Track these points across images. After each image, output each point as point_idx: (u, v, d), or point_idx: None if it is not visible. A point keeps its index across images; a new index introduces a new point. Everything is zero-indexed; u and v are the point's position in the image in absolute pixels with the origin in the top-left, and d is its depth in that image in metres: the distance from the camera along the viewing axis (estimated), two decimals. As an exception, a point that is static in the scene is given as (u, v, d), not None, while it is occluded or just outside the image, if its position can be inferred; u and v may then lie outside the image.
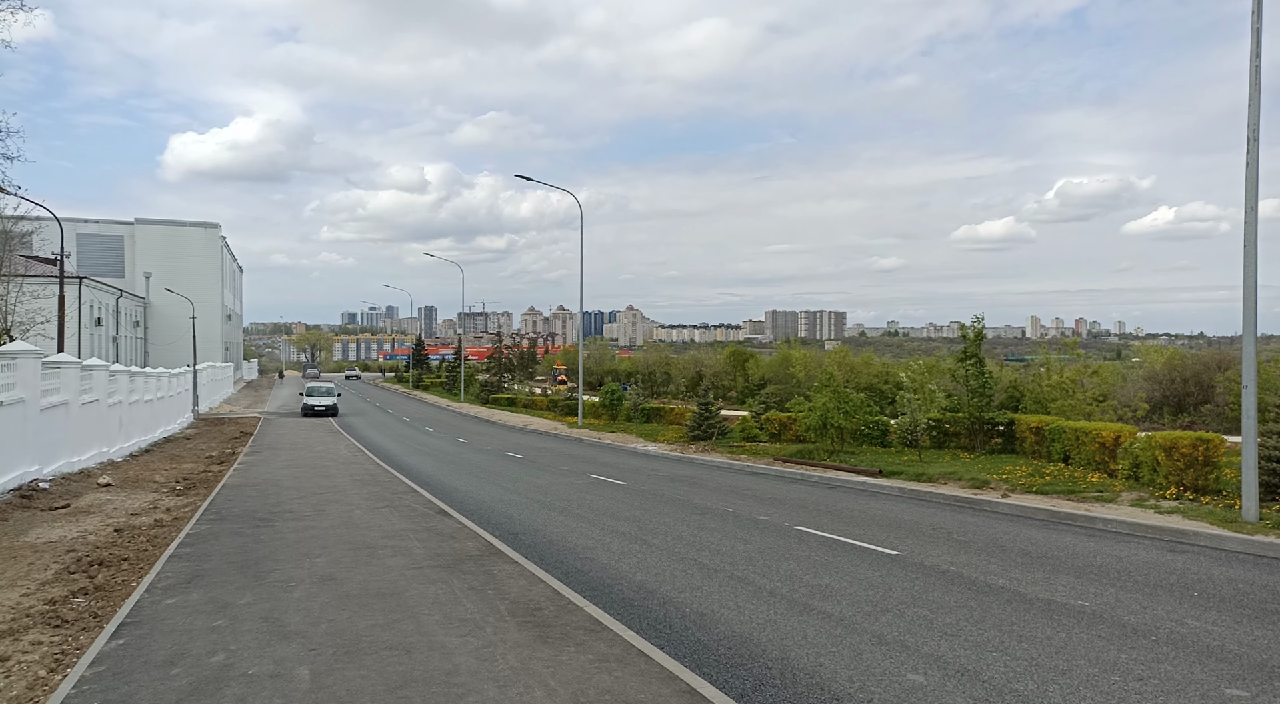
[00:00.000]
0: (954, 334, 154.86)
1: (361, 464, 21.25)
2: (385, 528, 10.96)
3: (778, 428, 27.56)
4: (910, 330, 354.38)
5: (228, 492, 15.51)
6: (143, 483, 17.71)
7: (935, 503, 14.53)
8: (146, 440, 28.59)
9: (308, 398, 47.65)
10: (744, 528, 11.48)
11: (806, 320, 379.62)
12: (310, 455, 23.86)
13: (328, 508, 13.08)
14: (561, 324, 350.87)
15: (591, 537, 11.00)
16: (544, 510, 13.49)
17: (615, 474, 19.28)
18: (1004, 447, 21.45)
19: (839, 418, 21.84)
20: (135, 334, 65.96)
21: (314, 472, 19.24)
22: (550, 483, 17.69)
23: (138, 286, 68.60)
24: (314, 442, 29.34)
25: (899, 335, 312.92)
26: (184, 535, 10.50)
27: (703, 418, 30.04)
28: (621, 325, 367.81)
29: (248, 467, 20.64)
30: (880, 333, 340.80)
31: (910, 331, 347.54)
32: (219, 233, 77.30)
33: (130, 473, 19.75)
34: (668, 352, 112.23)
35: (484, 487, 17.27)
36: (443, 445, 29.62)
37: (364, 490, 15.51)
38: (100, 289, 54.37)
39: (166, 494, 15.99)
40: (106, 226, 72.65)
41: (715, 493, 15.73)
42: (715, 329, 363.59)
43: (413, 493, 15.19)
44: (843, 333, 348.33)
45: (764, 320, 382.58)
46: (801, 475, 18.65)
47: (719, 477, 18.83)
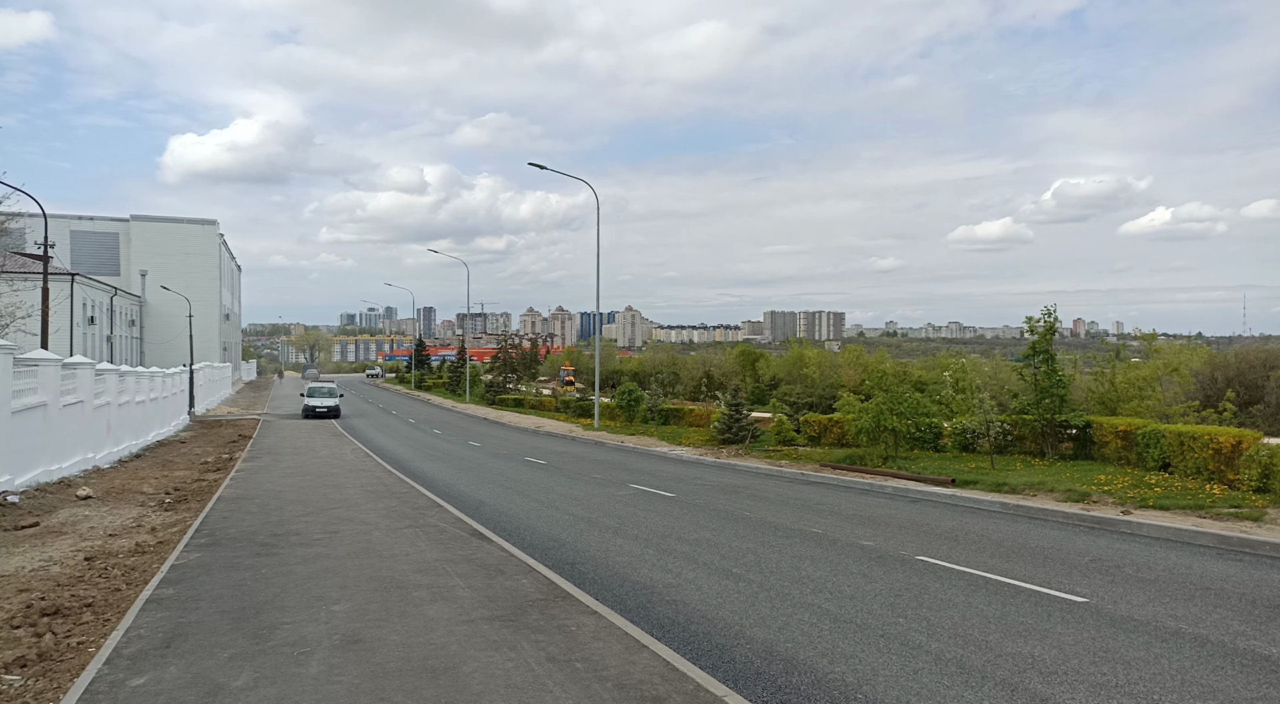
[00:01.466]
0: (952, 334, 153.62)
1: (371, 472, 19.29)
2: (414, 557, 9.01)
3: (818, 430, 25.60)
4: (909, 331, 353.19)
5: (223, 506, 13.55)
6: (128, 494, 15.74)
7: (1050, 522, 12.51)
8: (138, 444, 26.62)
9: (309, 399, 45.68)
10: (850, 557, 9.50)
11: (805, 321, 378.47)
12: (314, 461, 21.89)
13: (341, 528, 11.12)
14: (560, 325, 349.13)
15: (667, 568, 9.03)
16: (595, 531, 11.53)
17: (656, 483, 17.32)
18: (1077, 452, 19.50)
19: (893, 420, 19.91)
20: (131, 333, 63.95)
21: (320, 481, 17.28)
22: (588, 494, 15.73)
23: (133, 285, 66.60)
24: (317, 445, 27.38)
25: (897, 336, 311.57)
26: (168, 567, 8.55)
27: (733, 420, 28.11)
28: (620, 326, 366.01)
29: (246, 474, 18.68)
30: (879, 333, 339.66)
31: (909, 332, 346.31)
32: (216, 230, 75.30)
33: (116, 482, 17.78)
34: (674, 351, 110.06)
35: (514, 499, 15.31)
36: (456, 449, 27.67)
37: (380, 505, 13.55)
38: (93, 287, 52.37)
39: (154, 508, 14.03)
40: (101, 224, 70.63)
41: (783, 507, 13.77)
42: (714, 330, 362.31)
43: (436, 508, 13.23)
44: (841, 333, 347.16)
45: (763, 321, 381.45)
46: (870, 486, 16.67)
47: (774, 486, 16.87)
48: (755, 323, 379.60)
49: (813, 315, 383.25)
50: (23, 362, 16.60)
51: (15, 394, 15.52)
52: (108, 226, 70.48)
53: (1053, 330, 19.40)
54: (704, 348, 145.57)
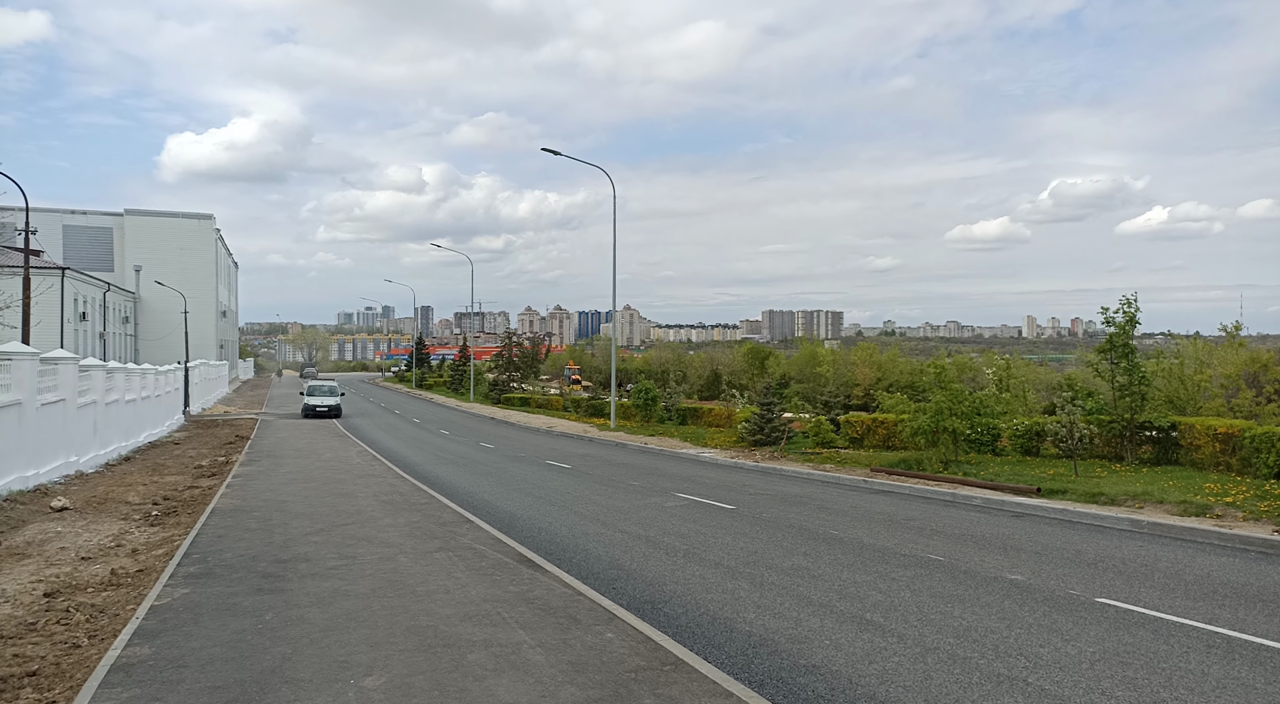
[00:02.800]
0: (950, 334, 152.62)
1: (383, 477, 17.47)
2: (457, 594, 7.20)
3: (860, 431, 23.81)
4: (906, 330, 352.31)
5: (219, 520, 11.72)
6: (110, 505, 13.91)
7: (1204, 544, 10.46)
8: (128, 446, 24.78)
9: (309, 397, 43.80)
10: (1010, 599, 7.47)
11: (803, 320, 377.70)
12: (319, 465, 20.06)
13: (359, 551, 9.30)
14: (559, 324, 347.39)
15: (777, 611, 7.14)
16: (662, 555, 9.70)
17: (704, 491, 15.51)
18: (1159, 456, 17.72)
19: (953, 421, 18.14)
20: (124, 330, 62.03)
21: (327, 488, 15.45)
22: (633, 506, 13.91)
23: (128, 281, 64.67)
24: (320, 447, 25.54)
25: (895, 335, 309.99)
26: (146, 609, 6.74)
27: (765, 420, 26.31)
28: (619, 325, 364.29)
29: (244, 481, 16.85)
30: (877, 333, 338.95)
31: (906, 332, 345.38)
32: (213, 224, 73.37)
33: (99, 489, 15.94)
34: (679, 350, 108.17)
35: (550, 512, 13.48)
36: (469, 452, 25.84)
37: (400, 519, 11.72)
38: (85, 282, 50.47)
39: (138, 522, 12.19)
40: (94, 218, 68.68)
41: (869, 524, 11.94)
42: (712, 329, 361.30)
43: (465, 523, 11.42)
44: (840, 333, 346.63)
45: (761, 320, 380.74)
46: (952, 496, 14.83)
47: (841, 496, 15.05)
48: (753, 322, 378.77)
49: (811, 314, 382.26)
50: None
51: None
52: (101, 221, 68.54)
53: (1134, 321, 17.59)
54: (703, 347, 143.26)
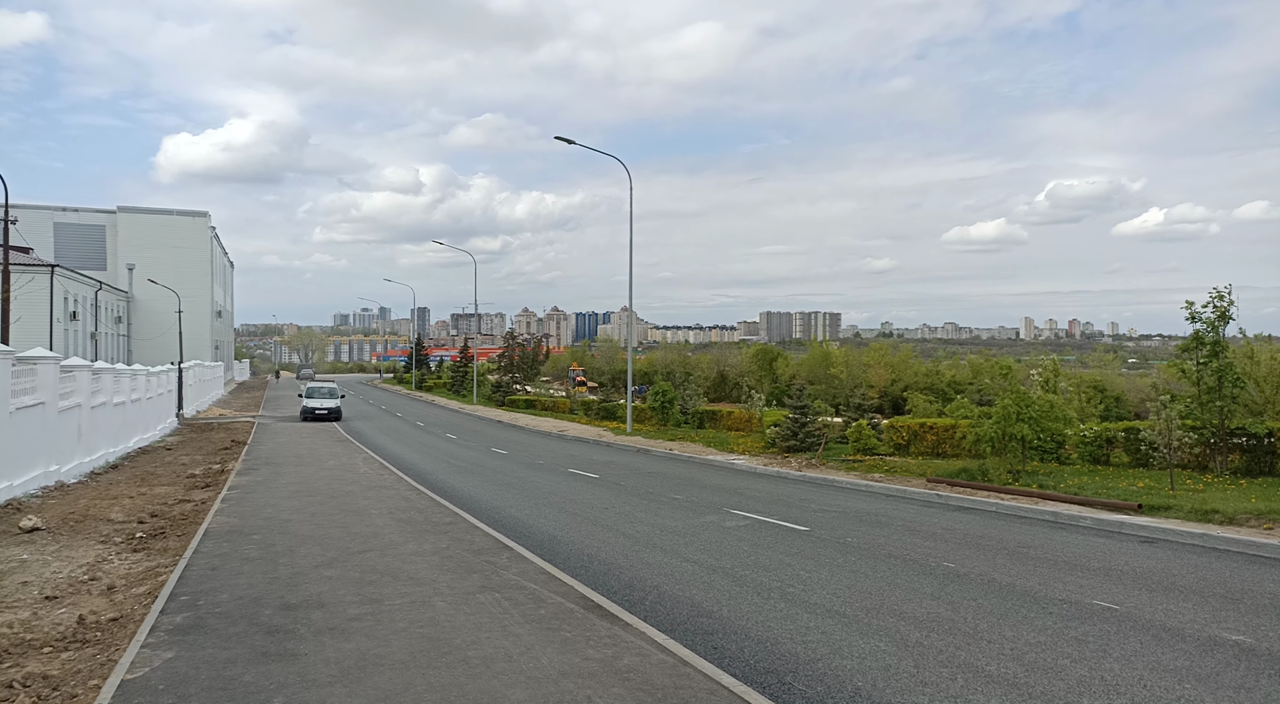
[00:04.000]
0: (948, 335, 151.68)
1: (395, 489, 15.77)
2: (525, 666, 5.50)
3: (905, 437, 22.13)
4: (904, 331, 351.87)
5: (212, 546, 10.01)
6: (90, 523, 12.18)
7: None
8: (116, 452, 23.04)
9: (307, 400, 42.02)
10: (1233, 667, 5.89)
11: (801, 321, 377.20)
12: (323, 475, 18.35)
13: (383, 591, 7.61)
14: (556, 325, 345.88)
15: (968, 700, 5.44)
16: (757, 598, 7.92)
17: (762, 508, 13.81)
18: (1251, 466, 16.09)
19: (1022, 427, 16.49)
20: (117, 331, 60.25)
21: (336, 504, 13.74)
22: (687, 526, 12.21)
23: (120, 280, 62.85)
24: (322, 453, 23.82)
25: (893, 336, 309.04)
26: (116, 686, 5.04)
27: (799, 425, 24.65)
28: (616, 326, 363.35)
29: (242, 493, 15.14)
30: (874, 334, 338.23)
31: (904, 333, 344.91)
32: (208, 222, 71.57)
33: (80, 503, 14.22)
34: (684, 351, 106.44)
35: (596, 534, 11.78)
36: (482, 458, 24.13)
37: (424, 544, 10.02)
38: (76, 280, 48.70)
39: (119, 547, 10.47)
40: (86, 215, 66.83)
41: (978, 552, 10.23)
42: (710, 330, 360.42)
43: (502, 549, 9.73)
44: (838, 334, 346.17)
45: (759, 321, 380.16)
46: (1054, 515, 13.06)
47: (920, 515, 13.33)
48: (751, 323, 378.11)
49: (809, 316, 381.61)
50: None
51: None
52: (94, 219, 66.71)
53: (1226, 317, 15.94)
54: (702, 348, 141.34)
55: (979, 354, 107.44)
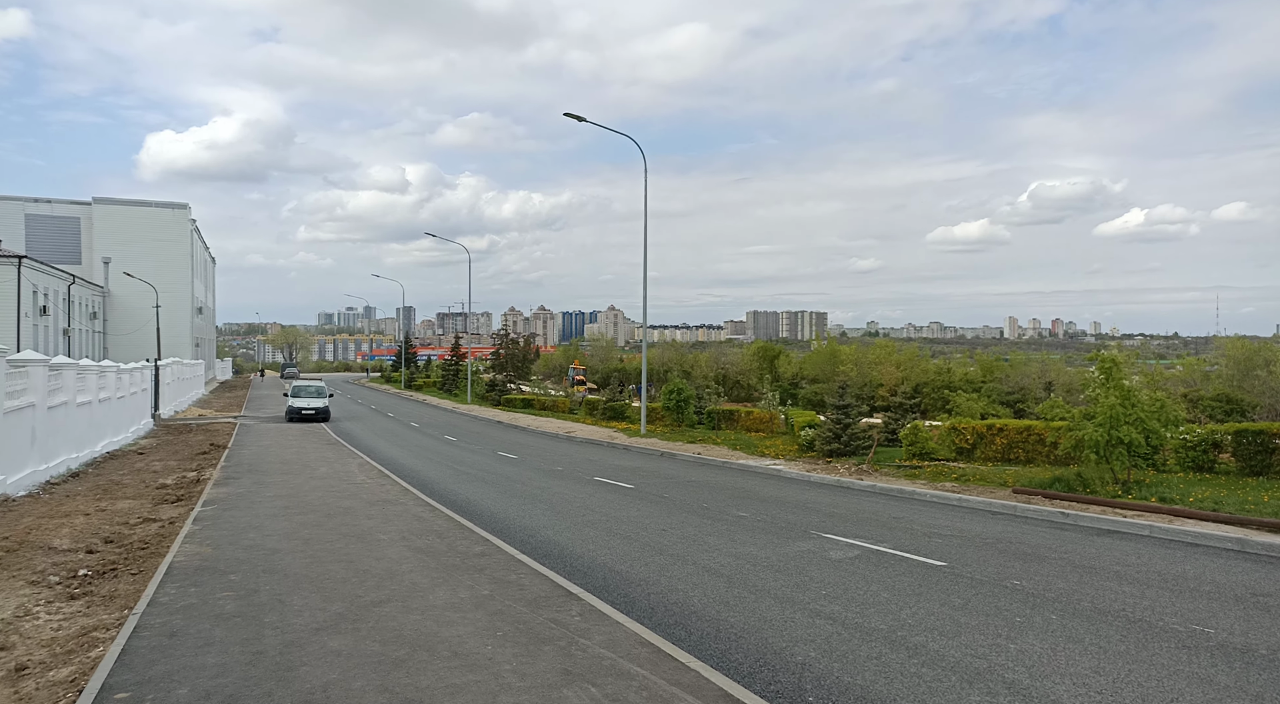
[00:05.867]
0: (933, 334, 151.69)
1: (403, 504, 13.29)
2: None
3: (970, 440, 19.82)
4: (890, 331, 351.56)
5: (175, 590, 7.54)
6: (23, 555, 9.64)
7: None
8: (80, 458, 20.39)
9: (293, 399, 39.32)
10: None
11: (788, 321, 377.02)
12: (315, 485, 15.84)
13: (420, 680, 5.21)
14: (543, 324, 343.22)
15: None
16: (979, 693, 5.57)
17: (859, 531, 11.45)
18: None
19: (1128, 431, 14.22)
20: (92, 327, 57.13)
21: (334, 524, 11.26)
22: (782, 559, 9.81)
23: (96, 274, 59.79)
24: (312, 458, 21.27)
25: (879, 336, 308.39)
26: None
27: (841, 426, 22.36)
28: (603, 326, 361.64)
29: (219, 511, 12.62)
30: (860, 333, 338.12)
31: (890, 332, 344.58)
32: (188, 215, 68.47)
33: (19, 525, 11.66)
34: (682, 349, 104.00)
35: (671, 569, 9.33)
36: (491, 464, 21.66)
37: (459, 591, 7.59)
38: (46, 273, 45.70)
39: (53, 591, 7.97)
40: (60, 207, 63.66)
41: (1205, 603, 7.92)
42: (697, 329, 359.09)
43: (566, 597, 7.32)
44: (824, 333, 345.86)
45: (745, 320, 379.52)
46: (1239, 543, 10.78)
47: (1056, 540, 10.93)
48: (738, 322, 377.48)
49: (795, 315, 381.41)
50: None
51: None
52: (68, 210, 63.53)
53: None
54: (694, 347, 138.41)
55: (964, 353, 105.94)
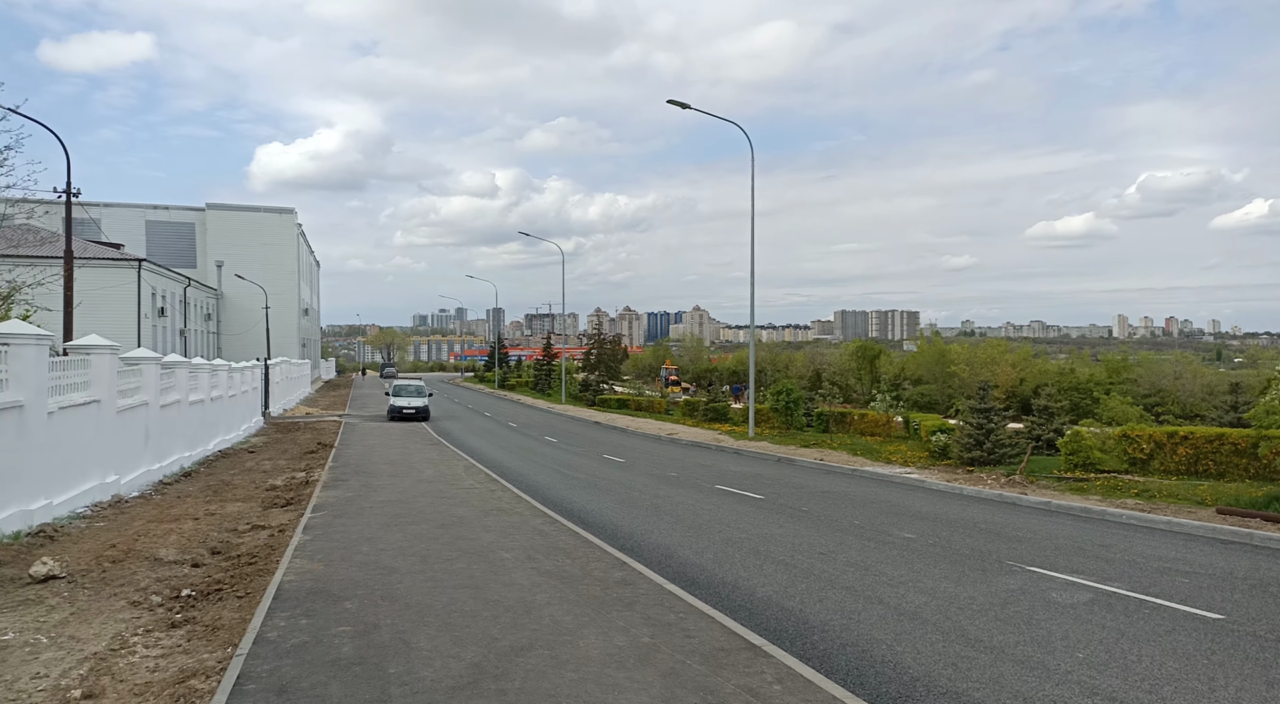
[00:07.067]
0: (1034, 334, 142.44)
1: (519, 514, 12.13)
2: None
3: (1147, 450, 17.31)
4: (986, 330, 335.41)
5: (285, 625, 6.47)
6: (127, 567, 8.87)
7: None
8: (193, 457, 20.30)
9: (395, 398, 39.44)
10: None
11: (878, 320, 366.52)
12: (423, 490, 14.92)
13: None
14: (628, 325, 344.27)
15: None
16: None
17: (1071, 564, 9.53)
18: None
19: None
20: (207, 327, 59.45)
21: (450, 539, 10.15)
22: (994, 599, 8.05)
23: (210, 277, 62.24)
24: (417, 459, 20.57)
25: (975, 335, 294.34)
26: None
27: (985, 432, 20.11)
28: (688, 326, 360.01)
29: (329, 518, 11.75)
30: (955, 333, 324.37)
31: (986, 331, 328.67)
32: (294, 219, 70.66)
33: (128, 530, 11.04)
34: (774, 349, 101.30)
35: (860, 612, 7.72)
36: (599, 468, 20.46)
37: (614, 634, 6.24)
38: (164, 276, 47.47)
39: (151, 619, 7.04)
40: (177, 213, 66.64)
41: None
42: (783, 329, 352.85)
43: (752, 655, 5.84)
44: (916, 333, 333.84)
45: (833, 320, 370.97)
46: None
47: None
48: (825, 322, 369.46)
49: (885, 314, 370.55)
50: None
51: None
52: (184, 216, 66.45)
53: None
54: (774, 348, 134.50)
55: (1069, 354, 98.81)
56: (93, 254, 39.53)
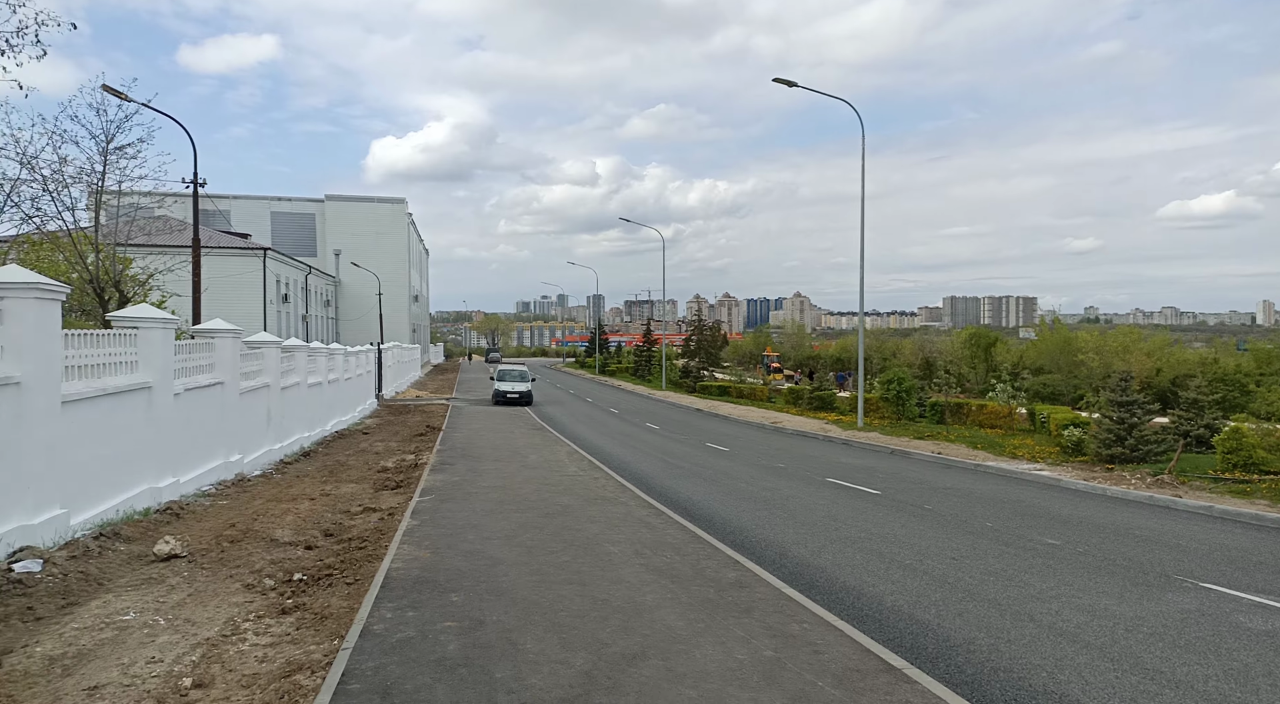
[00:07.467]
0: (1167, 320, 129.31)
1: (624, 504, 11.76)
2: None
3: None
4: (1112, 317, 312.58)
5: (392, 618, 6.28)
6: (244, 547, 9.01)
7: None
8: (312, 436, 21.06)
9: (499, 383, 40.13)
10: None
11: (990, 307, 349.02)
12: (527, 476, 14.81)
13: None
14: (727, 311, 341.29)
15: None
16: None
17: (1258, 584, 8.40)
18: None
19: None
20: (326, 313, 62.36)
21: (554, 529, 9.87)
22: (1182, 628, 6.84)
23: (328, 265, 65.21)
24: (521, 444, 20.63)
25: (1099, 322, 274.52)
26: None
27: (1127, 427, 18.38)
28: (788, 312, 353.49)
29: (436, 503, 11.73)
30: (1077, 320, 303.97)
31: (1112, 318, 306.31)
32: (405, 209, 73.15)
33: (248, 509, 11.33)
34: (881, 336, 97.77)
35: (1013, 633, 6.79)
36: (703, 458, 19.93)
37: (732, 646, 5.72)
38: (287, 264, 49.92)
39: (263, 603, 7.02)
40: (299, 204, 70.13)
41: None
42: (888, 316, 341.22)
43: (893, 680, 5.20)
44: (1032, 319, 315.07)
45: (941, 307, 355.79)
46: None
47: None
48: (933, 309, 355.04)
49: (998, 300, 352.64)
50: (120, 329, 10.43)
51: (72, 370, 9.25)
52: (305, 207, 69.86)
53: None
54: (880, 335, 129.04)
55: (1207, 342, 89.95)
56: (222, 243, 41.98)
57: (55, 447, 8.49)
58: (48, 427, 8.35)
